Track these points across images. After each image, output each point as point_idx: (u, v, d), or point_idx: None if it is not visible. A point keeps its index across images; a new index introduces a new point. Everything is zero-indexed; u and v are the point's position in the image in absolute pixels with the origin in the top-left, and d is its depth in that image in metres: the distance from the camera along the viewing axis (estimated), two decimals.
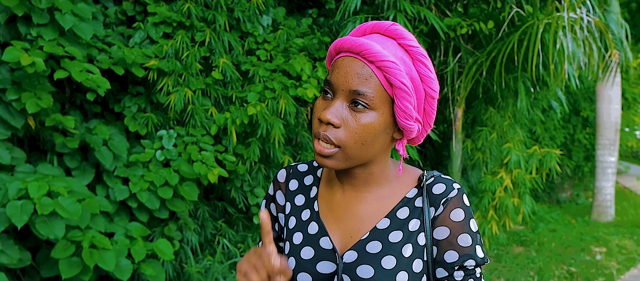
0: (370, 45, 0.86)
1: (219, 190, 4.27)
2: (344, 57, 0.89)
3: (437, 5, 4.60)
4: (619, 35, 4.88)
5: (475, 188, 6.79)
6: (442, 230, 0.93)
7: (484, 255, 0.94)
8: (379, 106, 0.88)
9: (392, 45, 0.89)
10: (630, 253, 6.25)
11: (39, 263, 3.08)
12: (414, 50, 0.89)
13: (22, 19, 3.08)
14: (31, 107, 2.87)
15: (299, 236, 1.01)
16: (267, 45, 4.05)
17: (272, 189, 1.10)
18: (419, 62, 0.89)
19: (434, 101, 0.93)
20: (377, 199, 0.98)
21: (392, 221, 0.95)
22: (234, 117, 3.63)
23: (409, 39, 0.89)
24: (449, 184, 0.95)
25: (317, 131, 0.90)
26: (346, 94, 0.88)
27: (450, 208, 0.93)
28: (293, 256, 0.99)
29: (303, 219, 1.02)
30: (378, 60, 0.85)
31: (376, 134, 0.89)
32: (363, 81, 0.86)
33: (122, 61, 3.43)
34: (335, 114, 0.88)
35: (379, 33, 0.91)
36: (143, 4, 3.92)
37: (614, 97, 8.05)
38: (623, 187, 12.83)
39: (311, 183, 1.06)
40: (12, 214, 2.63)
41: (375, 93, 0.87)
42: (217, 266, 3.84)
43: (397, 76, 0.86)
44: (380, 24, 0.91)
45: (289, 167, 1.10)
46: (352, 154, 0.90)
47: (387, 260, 0.92)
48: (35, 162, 3.23)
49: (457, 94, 4.84)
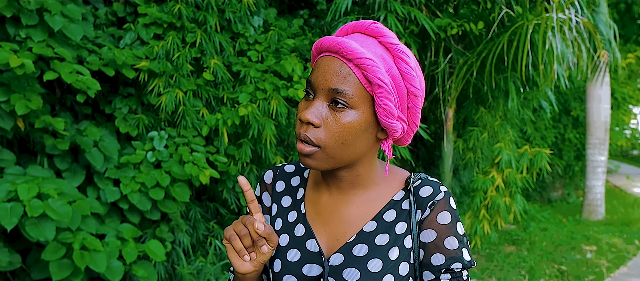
0: (347, 44, 0.86)
1: (210, 191, 4.26)
2: (324, 57, 0.90)
3: (428, 6, 4.62)
4: (608, 36, 4.93)
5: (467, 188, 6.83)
6: (428, 233, 0.93)
7: (470, 258, 0.94)
8: (359, 104, 0.87)
9: (372, 44, 0.88)
10: (620, 251, 6.31)
11: (29, 266, 3.06)
12: (394, 47, 0.88)
13: (10, 20, 3.05)
14: (20, 109, 2.85)
15: (285, 238, 1.00)
16: (258, 46, 4.05)
17: (258, 191, 1.09)
18: (399, 59, 0.88)
19: (417, 98, 0.91)
20: (363, 201, 0.98)
21: (378, 224, 0.95)
22: (225, 118, 3.63)
23: (389, 37, 0.89)
24: (436, 187, 0.95)
25: (299, 131, 0.90)
26: (326, 93, 0.88)
27: (437, 211, 0.93)
28: (279, 259, 0.99)
29: (290, 221, 1.02)
30: (355, 58, 0.85)
31: (357, 133, 0.89)
32: (341, 80, 0.86)
33: (113, 62, 3.41)
34: (315, 114, 0.88)
35: (360, 32, 0.91)
36: (133, 5, 3.90)
37: (603, 97, 8.12)
38: (613, 186, 12.95)
39: (298, 184, 1.05)
40: (2, 216, 2.61)
41: (355, 91, 0.86)
42: (210, 268, 3.83)
43: (375, 73, 0.85)
44: (360, 24, 0.91)
45: (276, 168, 1.09)
46: (333, 154, 0.89)
47: (374, 263, 0.92)
48: (25, 164, 3.21)
49: (448, 95, 4.87)
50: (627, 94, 11.54)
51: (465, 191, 6.90)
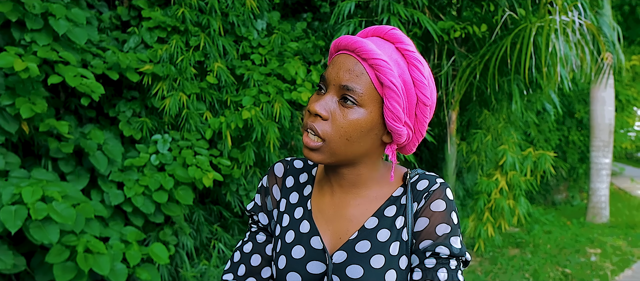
0: (364, 43, 0.88)
1: (214, 194, 4.27)
2: (340, 54, 0.92)
3: (431, 8, 4.62)
4: (612, 38, 4.92)
5: (471, 190, 6.82)
6: (422, 221, 0.94)
7: (461, 247, 0.92)
8: (368, 103, 0.89)
9: (388, 48, 0.90)
10: (624, 254, 6.28)
11: (33, 268, 3.07)
12: (410, 54, 0.90)
13: (16, 24, 3.07)
14: (25, 113, 2.86)
15: (291, 234, 1.01)
16: (261, 49, 4.06)
17: (267, 182, 1.09)
18: (413, 66, 0.90)
19: (427, 108, 0.93)
20: (365, 200, 0.99)
21: (380, 220, 0.96)
22: (228, 121, 3.64)
23: (407, 44, 0.91)
24: (433, 179, 0.96)
25: (306, 122, 0.92)
26: (337, 88, 0.90)
27: (432, 199, 0.94)
28: (284, 255, 1.00)
29: (296, 217, 1.03)
30: (370, 58, 0.87)
31: (362, 131, 0.90)
32: (354, 78, 0.88)
33: (117, 65, 3.43)
34: (324, 107, 0.90)
35: (379, 36, 0.93)
36: (137, 9, 3.92)
37: (607, 99, 8.10)
38: (617, 188, 12.90)
39: (305, 180, 1.06)
40: (6, 219, 2.63)
41: (365, 90, 0.88)
42: (213, 271, 3.83)
43: (387, 75, 0.87)
44: (380, 28, 0.94)
45: (286, 162, 1.09)
46: (336, 148, 0.91)
47: (376, 259, 0.93)
48: (30, 167, 3.22)
49: (452, 97, 4.86)
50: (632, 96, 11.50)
51: (469, 193, 6.89)
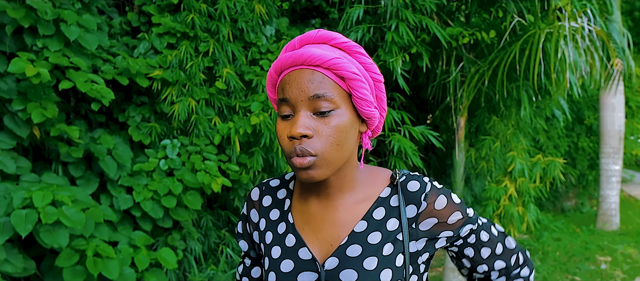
0: (311, 51, 0.89)
1: (222, 199, 4.28)
2: (291, 72, 0.91)
3: (439, 14, 4.62)
4: (621, 44, 4.88)
5: (479, 197, 6.78)
6: (430, 221, 0.97)
7: (474, 213, 1.01)
8: (341, 103, 0.90)
9: (327, 48, 0.92)
10: (635, 262, 6.21)
11: (43, 272, 3.10)
12: (348, 45, 0.93)
13: (28, 30, 3.12)
14: (36, 118, 2.90)
15: (277, 250, 1.01)
16: (270, 55, 4.08)
17: (245, 209, 1.11)
18: (356, 54, 0.93)
19: (381, 84, 0.96)
20: (352, 204, 0.99)
21: (369, 223, 0.97)
22: (237, 127, 3.65)
23: (338, 38, 0.93)
24: (420, 179, 0.98)
25: (291, 149, 0.89)
26: (306, 103, 0.89)
27: (432, 199, 0.96)
28: (273, 271, 0.99)
29: (279, 232, 1.03)
30: (324, 61, 0.88)
31: (347, 131, 0.91)
32: (318, 85, 0.88)
33: (127, 71, 3.46)
34: (305, 126, 0.88)
35: (310, 43, 0.94)
36: (147, 15, 3.96)
37: (617, 106, 8.03)
38: (628, 195, 12.76)
39: (284, 196, 1.07)
40: (17, 223, 2.65)
41: (334, 92, 0.89)
42: (221, 276, 3.84)
43: (346, 68, 0.88)
44: (307, 36, 0.94)
45: (261, 184, 1.10)
46: (331, 158, 0.90)
47: (369, 261, 0.94)
48: (40, 171, 3.25)
49: (460, 103, 4.85)
50: None
51: (477, 200, 6.85)
